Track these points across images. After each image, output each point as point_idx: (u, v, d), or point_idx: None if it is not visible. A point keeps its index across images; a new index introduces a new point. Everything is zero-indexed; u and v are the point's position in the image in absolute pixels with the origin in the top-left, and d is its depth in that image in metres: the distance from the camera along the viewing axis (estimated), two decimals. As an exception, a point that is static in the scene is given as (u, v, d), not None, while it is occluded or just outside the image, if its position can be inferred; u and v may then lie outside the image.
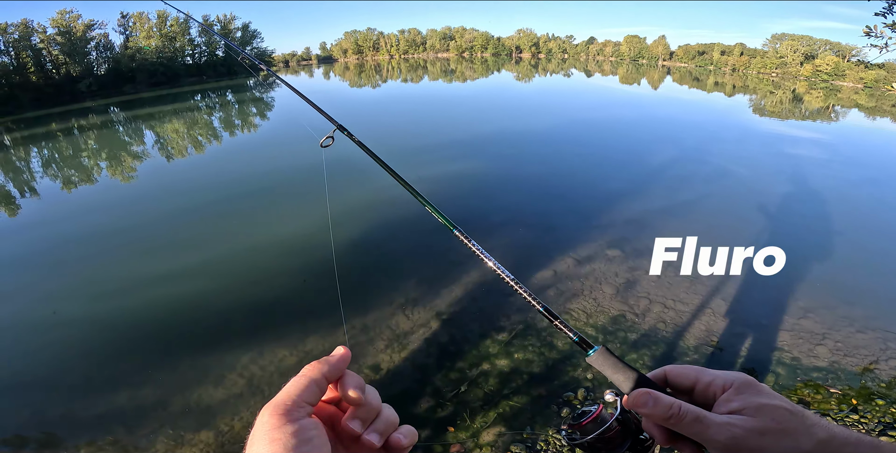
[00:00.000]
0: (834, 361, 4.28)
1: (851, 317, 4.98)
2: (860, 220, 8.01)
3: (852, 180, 10.72)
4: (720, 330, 4.78)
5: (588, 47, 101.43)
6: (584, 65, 78.74)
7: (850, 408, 3.63)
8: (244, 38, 66.50)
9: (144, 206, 9.49)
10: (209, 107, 30.83)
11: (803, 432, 0.54)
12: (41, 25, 44.56)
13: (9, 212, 10.05)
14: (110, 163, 14.40)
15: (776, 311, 5.12)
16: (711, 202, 8.93)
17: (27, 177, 13.52)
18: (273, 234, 7.49)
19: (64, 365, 4.64)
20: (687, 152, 13.27)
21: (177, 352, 4.67)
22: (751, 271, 6.00)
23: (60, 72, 45.59)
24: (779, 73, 64.45)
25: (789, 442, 0.54)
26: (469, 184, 9.89)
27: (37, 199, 10.93)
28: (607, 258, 6.39)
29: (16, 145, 19.81)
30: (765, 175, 10.90)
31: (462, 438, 3.51)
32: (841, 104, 33.05)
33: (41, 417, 3.95)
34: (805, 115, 26.04)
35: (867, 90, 45.96)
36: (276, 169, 12.01)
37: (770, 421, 0.55)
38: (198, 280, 6.12)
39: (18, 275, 6.74)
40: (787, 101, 33.38)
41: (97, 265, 6.80)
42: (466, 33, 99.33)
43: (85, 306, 5.65)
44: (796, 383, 4.00)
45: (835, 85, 51.87)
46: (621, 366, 0.66)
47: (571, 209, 8.42)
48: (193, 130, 20.09)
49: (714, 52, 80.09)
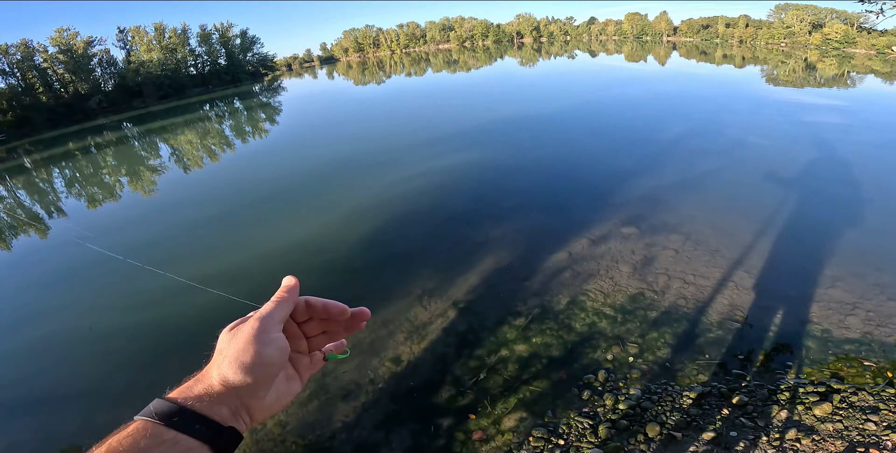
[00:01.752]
0: (866, 332, 4.10)
1: (882, 284, 4.77)
2: (885, 184, 7.69)
3: (874, 144, 10.31)
4: (745, 304, 4.63)
5: (589, 28, 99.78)
6: (587, 45, 77.50)
7: (886, 382, 3.46)
8: (244, 44, 66.90)
9: (168, 218, 9.61)
10: (219, 116, 31.10)
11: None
12: (41, 45, 45.37)
13: (40, 234, 10.29)
14: (131, 179, 14.62)
15: (803, 282, 4.93)
16: (729, 173, 8.68)
17: (53, 198, 13.80)
18: (288, 238, 7.51)
19: (106, 375, 4.74)
20: (700, 125, 12.94)
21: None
22: (773, 241, 5.83)
23: (69, 90, 46.51)
24: (788, 43, 62.78)
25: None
26: (480, 172, 9.80)
27: (64, 219, 11.14)
28: (623, 236, 6.26)
29: (37, 167, 20.24)
30: (783, 143, 10.55)
31: (484, 425, 3.46)
32: (856, 70, 31.90)
33: (91, 424, 4.05)
34: (821, 83, 25.19)
35: (880, 56, 44.34)
36: (285, 173, 12.07)
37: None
38: (221, 286, 6.17)
39: (54, 294, 6.89)
40: (800, 70, 32.37)
41: (126, 279, 6.90)
42: (466, 22, 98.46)
43: (119, 319, 5.75)
44: (828, 356, 3.84)
45: (847, 52, 50.21)
46: None
47: (584, 189, 8.27)
48: (206, 140, 20.30)
49: (719, 25, 78.27)
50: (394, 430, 3.53)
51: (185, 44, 58.53)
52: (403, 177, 9.75)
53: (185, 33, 58.80)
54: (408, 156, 11.95)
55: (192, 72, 60.65)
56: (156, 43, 55.04)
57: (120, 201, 12.09)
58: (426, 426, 3.53)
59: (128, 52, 54.03)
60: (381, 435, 3.50)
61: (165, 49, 55.50)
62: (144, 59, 53.24)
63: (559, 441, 3.24)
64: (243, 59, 67.29)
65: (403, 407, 3.75)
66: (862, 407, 3.21)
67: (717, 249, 5.69)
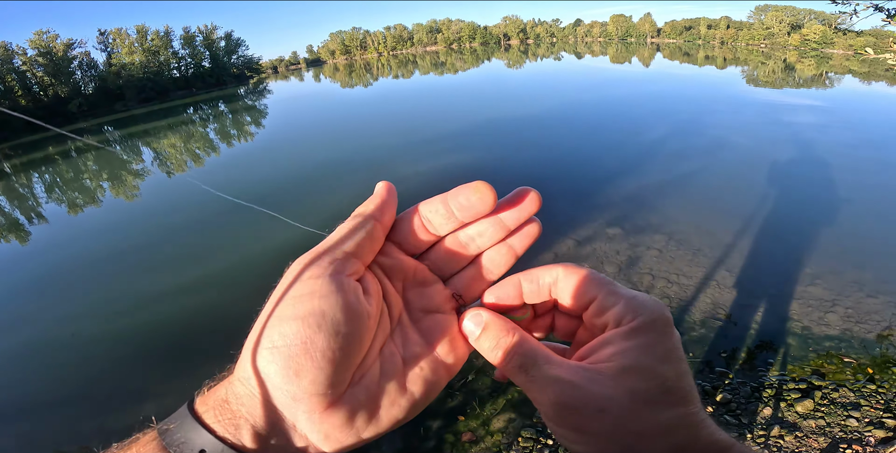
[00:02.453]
0: (846, 329, 4.18)
1: (860, 281, 4.88)
2: (863, 183, 7.88)
3: (852, 143, 10.56)
4: (727, 302, 4.71)
5: (575, 29, 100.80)
6: (573, 47, 78.25)
7: (867, 378, 3.54)
8: (228, 46, 66.32)
9: (151, 223, 9.47)
10: (203, 119, 30.77)
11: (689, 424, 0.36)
12: (20, 47, 44.49)
13: (20, 239, 10.07)
14: (112, 184, 14.38)
15: (783, 280, 5.03)
16: (711, 173, 8.83)
17: (33, 204, 13.52)
18: (270, 243, 7.45)
19: (91, 381, 4.66)
20: (683, 126, 13.14)
21: (197, 361, 4.65)
22: (754, 240, 5.94)
23: (48, 93, 45.67)
24: (767, 44, 64.12)
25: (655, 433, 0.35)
26: (466, 174, 9.78)
27: (45, 225, 10.92)
28: (608, 236, 6.33)
29: (16, 172, 19.82)
30: (763, 143, 10.76)
31: (473, 427, 3.48)
32: (834, 71, 32.67)
33: (76, 431, 3.98)
34: (799, 83, 25.76)
35: (858, 56, 45.49)
36: (270, 177, 11.98)
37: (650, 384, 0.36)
38: (209, 290, 6.11)
39: (35, 299, 6.74)
40: (779, 71, 33.07)
41: (111, 284, 6.79)
42: (453, 24, 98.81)
43: (103, 324, 5.65)
44: (809, 353, 3.91)
45: (825, 53, 51.43)
46: None
47: (569, 190, 8.34)
48: (190, 144, 20.06)
49: (701, 27, 79.67)
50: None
51: (168, 46, 57.84)
52: (390, 181, 9.72)
53: (168, 35, 58.12)
54: (394, 158, 11.95)
55: (175, 74, 59.93)
56: (138, 45, 54.31)
57: (101, 206, 11.89)
58: (415, 428, 3.53)
59: (109, 54, 53.23)
60: (370, 439, 3.50)
61: (148, 51, 54.78)
62: (126, 62, 52.48)
63: (548, 441, 3.26)
64: (228, 61, 66.70)
65: (392, 411, 3.74)
66: (843, 404, 3.28)
67: (700, 249, 5.77)
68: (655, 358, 0.37)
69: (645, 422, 0.34)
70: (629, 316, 0.39)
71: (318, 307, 0.35)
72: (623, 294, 0.40)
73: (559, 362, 0.39)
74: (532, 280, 0.44)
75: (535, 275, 0.44)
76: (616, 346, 0.38)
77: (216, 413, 0.35)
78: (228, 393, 0.36)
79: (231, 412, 0.35)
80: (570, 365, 0.38)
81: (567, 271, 0.43)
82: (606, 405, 0.35)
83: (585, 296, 0.41)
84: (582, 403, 0.36)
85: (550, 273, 0.43)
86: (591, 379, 0.36)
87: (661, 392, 0.35)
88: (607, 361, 0.37)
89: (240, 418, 0.35)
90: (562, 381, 0.37)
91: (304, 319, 0.34)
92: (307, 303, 0.35)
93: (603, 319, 0.40)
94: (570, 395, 0.36)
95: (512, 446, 3.27)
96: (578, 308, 0.43)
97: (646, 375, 0.36)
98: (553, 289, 0.43)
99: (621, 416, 0.35)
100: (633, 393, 0.35)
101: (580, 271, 0.42)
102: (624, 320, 0.39)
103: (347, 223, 0.42)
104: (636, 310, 0.39)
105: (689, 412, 0.36)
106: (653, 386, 0.35)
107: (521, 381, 0.40)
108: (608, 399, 0.35)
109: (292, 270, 0.38)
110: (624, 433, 0.35)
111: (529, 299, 0.44)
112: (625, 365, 0.37)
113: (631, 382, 0.36)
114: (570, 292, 0.42)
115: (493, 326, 0.42)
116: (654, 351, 0.37)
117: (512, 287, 0.44)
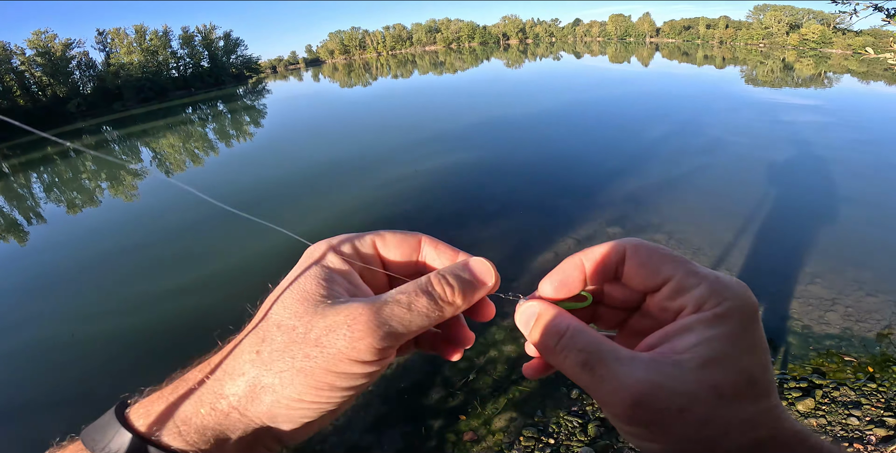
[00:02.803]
0: (846, 327, 4.19)
1: (860, 280, 4.89)
2: (862, 182, 7.90)
3: (851, 142, 10.58)
4: (728, 301, 4.71)
5: (574, 29, 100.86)
6: (572, 47, 78.30)
7: (867, 377, 3.54)
8: (227, 46, 66.23)
9: (151, 223, 9.46)
10: (202, 118, 30.74)
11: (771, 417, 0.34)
12: (18, 47, 44.36)
13: (18, 239, 10.05)
14: (111, 184, 14.37)
15: (783, 278, 5.04)
16: (710, 172, 8.84)
17: (31, 204, 13.50)
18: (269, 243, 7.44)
19: (92, 381, 4.63)
20: (682, 126, 13.15)
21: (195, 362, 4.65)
22: (753, 239, 5.95)
23: (46, 93, 45.58)
24: (766, 43, 64.18)
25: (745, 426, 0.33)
26: (466, 173, 9.82)
27: (44, 225, 10.91)
28: (608, 236, 6.32)
29: (15, 172, 19.77)
30: (763, 143, 10.77)
31: (474, 426, 3.48)
32: (833, 70, 32.73)
33: (74, 432, 3.94)
34: (798, 83, 25.80)
35: (857, 56, 45.55)
36: (267, 177, 11.96)
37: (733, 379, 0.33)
38: (209, 290, 6.11)
39: (34, 299, 6.72)
40: (778, 70, 33.11)
41: (111, 283, 6.78)
42: (452, 24, 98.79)
43: (102, 324, 5.64)
44: (809, 352, 3.92)
45: (824, 53, 51.50)
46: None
47: (569, 190, 8.34)
48: (189, 143, 20.03)
49: (700, 26, 79.76)
50: (385, 432, 3.53)
51: (166, 46, 57.76)
52: (389, 180, 9.73)
53: (166, 35, 58.04)
54: (394, 158, 11.93)
55: (174, 74, 59.84)
56: (136, 45, 54.22)
57: (100, 206, 11.87)
58: (417, 427, 3.53)
59: (107, 54, 53.13)
60: (373, 437, 3.49)
61: (146, 51, 54.69)
62: (125, 62, 52.39)
63: (549, 440, 3.27)
64: (227, 61, 66.61)
65: (394, 410, 3.74)
66: (844, 402, 3.29)
67: (700, 248, 5.78)
68: (742, 349, 0.34)
69: (729, 418, 0.32)
70: (714, 299, 0.35)
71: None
72: (705, 274, 0.36)
73: (630, 357, 0.34)
74: (594, 258, 0.40)
75: (598, 253, 0.40)
76: (698, 334, 0.34)
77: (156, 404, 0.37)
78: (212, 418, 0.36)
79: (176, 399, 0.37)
80: (644, 359, 0.34)
81: (636, 247, 0.39)
82: (689, 403, 0.32)
83: (659, 276, 0.37)
84: (663, 403, 0.32)
85: (617, 249, 0.39)
86: (672, 376, 0.33)
87: (746, 386, 0.33)
88: (688, 352, 0.33)
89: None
90: (639, 381, 0.33)
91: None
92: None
93: (679, 302, 0.36)
94: (649, 395, 0.32)
95: (514, 445, 3.27)
96: (648, 288, 0.39)
97: (732, 368, 0.33)
98: (620, 269, 0.40)
99: (705, 414, 0.32)
100: (718, 388, 0.32)
101: (652, 247, 0.39)
102: (707, 304, 0.35)
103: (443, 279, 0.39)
104: (721, 294, 0.35)
105: (771, 405, 0.34)
106: (740, 380, 0.33)
107: (585, 381, 0.35)
108: (691, 396, 0.32)
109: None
110: (706, 430, 0.32)
111: (594, 281, 0.41)
112: (709, 356, 0.33)
113: (715, 376, 0.33)
114: (641, 271, 0.38)
115: (545, 318, 0.38)
116: (740, 341, 0.34)
117: (573, 268, 0.40)
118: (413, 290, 0.38)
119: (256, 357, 0.36)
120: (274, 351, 0.35)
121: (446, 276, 0.39)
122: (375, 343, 0.35)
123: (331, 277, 0.39)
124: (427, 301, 0.37)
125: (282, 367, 0.35)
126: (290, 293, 0.38)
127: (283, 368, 0.35)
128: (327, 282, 0.39)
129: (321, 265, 0.40)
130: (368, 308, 0.35)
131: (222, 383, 0.36)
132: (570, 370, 0.36)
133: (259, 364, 0.35)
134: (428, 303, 0.37)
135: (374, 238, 0.43)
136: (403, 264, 0.44)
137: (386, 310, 0.36)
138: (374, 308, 0.36)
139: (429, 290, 0.38)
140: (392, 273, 0.43)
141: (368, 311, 0.35)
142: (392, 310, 0.36)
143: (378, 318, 0.35)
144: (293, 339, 0.35)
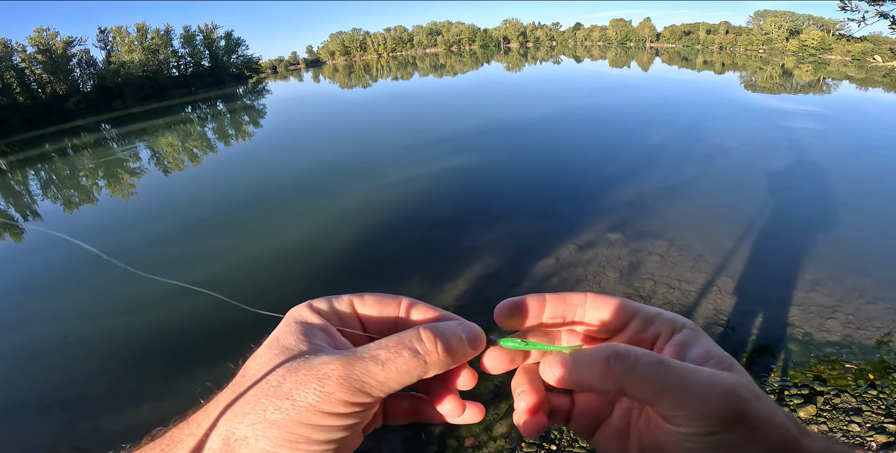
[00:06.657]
0: (847, 335, 4.20)
1: (860, 287, 4.91)
2: (861, 190, 7.93)
3: (850, 149, 10.64)
4: (728, 308, 4.72)
5: (575, 33, 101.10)
6: (572, 51, 78.53)
7: (868, 384, 3.55)
8: (228, 46, 66.20)
9: (146, 223, 9.41)
10: (201, 118, 30.70)
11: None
12: (20, 45, 44.28)
13: (14, 237, 10.01)
14: (109, 182, 14.31)
15: (784, 286, 5.05)
16: (711, 179, 8.86)
17: (28, 201, 13.45)
18: (270, 244, 7.43)
19: (87, 383, 4.62)
20: (682, 131, 13.18)
21: (194, 362, 4.63)
22: (754, 245, 5.96)
23: (46, 91, 45.46)
24: (766, 49, 64.48)
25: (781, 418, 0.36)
26: (467, 177, 9.83)
27: (40, 222, 10.86)
28: (609, 242, 6.34)
29: (12, 169, 19.69)
30: (762, 149, 10.81)
31: (476, 432, 3.47)
32: (832, 77, 32.91)
33: (72, 433, 3.95)
34: (797, 89, 25.91)
35: (856, 62, 45.78)
36: (267, 178, 11.95)
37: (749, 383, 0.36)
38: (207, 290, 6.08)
39: (26, 300, 6.68)
40: (777, 76, 33.26)
41: (103, 284, 6.74)
42: (453, 27, 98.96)
43: (97, 325, 5.60)
44: (810, 359, 3.93)
45: (823, 59, 51.80)
46: None
47: (570, 196, 8.35)
48: (188, 143, 19.99)
49: (700, 32, 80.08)
50: (385, 438, 3.52)
51: (167, 45, 57.69)
52: (390, 183, 9.72)
53: (168, 34, 57.97)
54: (394, 160, 11.94)
55: (174, 73, 59.76)
56: (137, 43, 54.15)
57: (97, 205, 11.83)
58: (417, 433, 3.52)
59: (108, 52, 53.04)
60: (373, 442, 3.48)
61: (147, 50, 54.61)
62: (125, 60, 52.31)
63: (551, 446, 3.26)
64: (227, 60, 66.55)
65: (394, 415, 3.73)
66: (845, 409, 3.29)
67: (701, 254, 5.79)
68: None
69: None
70: (678, 324, 0.41)
71: None
72: (655, 309, 0.42)
73: (681, 364, 0.36)
74: (559, 299, 0.43)
75: (562, 296, 0.43)
76: (700, 348, 0.39)
77: None
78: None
79: None
80: (702, 368, 0.37)
81: (596, 295, 0.43)
82: (761, 394, 0.37)
83: (626, 313, 0.42)
84: (751, 393, 0.35)
85: (579, 295, 0.43)
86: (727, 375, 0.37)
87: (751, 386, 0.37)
88: (706, 365, 0.38)
89: None
90: (726, 375, 0.36)
91: None
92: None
93: (651, 331, 0.41)
94: (741, 386, 0.35)
95: (515, 451, 3.27)
96: (614, 327, 0.42)
97: (737, 369, 0.38)
98: (579, 311, 0.43)
99: (775, 406, 0.37)
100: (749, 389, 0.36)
101: (609, 297, 0.43)
102: (676, 327, 0.40)
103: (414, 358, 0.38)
104: (675, 319, 0.41)
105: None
106: (749, 382, 0.37)
107: (658, 384, 0.34)
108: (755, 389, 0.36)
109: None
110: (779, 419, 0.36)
111: (550, 319, 0.44)
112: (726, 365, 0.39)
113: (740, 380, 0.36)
114: (605, 310, 0.42)
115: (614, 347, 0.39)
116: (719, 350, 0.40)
117: (535, 301, 0.44)
118: (394, 344, 0.37)
119: (229, 410, 0.36)
120: (246, 403, 0.35)
121: (432, 329, 0.40)
122: (346, 397, 0.35)
123: (311, 332, 0.40)
124: (409, 355, 0.37)
125: (254, 419, 0.34)
126: (267, 349, 0.39)
127: (256, 421, 0.34)
128: (307, 337, 0.39)
129: (301, 322, 0.41)
130: (342, 361, 0.36)
131: (199, 439, 0.36)
132: (642, 373, 0.35)
133: (231, 417, 0.35)
134: (409, 357, 0.37)
135: (353, 298, 0.45)
136: (382, 323, 0.44)
137: (360, 365, 0.36)
138: (348, 361, 0.36)
139: (412, 345, 0.38)
140: (370, 334, 0.44)
141: (342, 365, 0.35)
142: (367, 366, 0.36)
143: (352, 373, 0.35)
144: (264, 392, 0.35)
